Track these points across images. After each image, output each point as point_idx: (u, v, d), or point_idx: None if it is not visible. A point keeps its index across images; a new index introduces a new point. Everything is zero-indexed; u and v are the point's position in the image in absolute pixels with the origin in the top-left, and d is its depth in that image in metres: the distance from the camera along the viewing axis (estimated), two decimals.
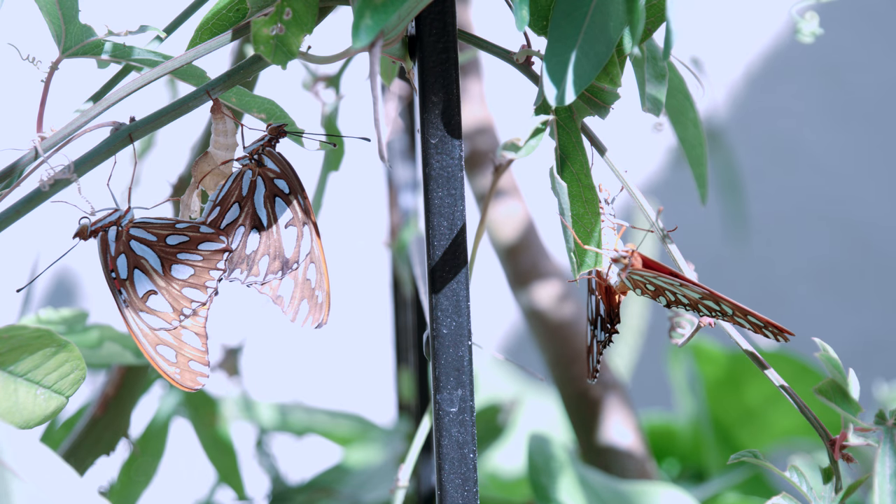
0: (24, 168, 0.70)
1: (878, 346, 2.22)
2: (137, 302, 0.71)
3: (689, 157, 0.86)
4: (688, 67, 0.83)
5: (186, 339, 0.72)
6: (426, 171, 0.70)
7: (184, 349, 0.72)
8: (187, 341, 0.72)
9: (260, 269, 0.73)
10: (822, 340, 0.70)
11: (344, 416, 1.39)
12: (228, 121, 0.73)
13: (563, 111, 0.70)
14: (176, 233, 0.72)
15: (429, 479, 1.18)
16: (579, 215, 0.71)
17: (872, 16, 2.24)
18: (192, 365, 0.72)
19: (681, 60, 0.83)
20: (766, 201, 2.22)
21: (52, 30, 0.71)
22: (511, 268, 1.28)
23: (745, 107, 2.25)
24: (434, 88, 0.69)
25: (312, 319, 0.74)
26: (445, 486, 0.71)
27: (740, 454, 0.71)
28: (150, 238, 0.72)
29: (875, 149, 2.26)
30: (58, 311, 0.90)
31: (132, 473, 1.15)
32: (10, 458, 0.61)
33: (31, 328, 0.69)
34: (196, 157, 0.78)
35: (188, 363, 0.72)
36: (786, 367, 1.41)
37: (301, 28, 0.68)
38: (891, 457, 0.68)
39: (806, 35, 0.70)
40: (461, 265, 0.70)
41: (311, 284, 0.73)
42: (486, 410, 1.33)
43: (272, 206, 0.73)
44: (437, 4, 0.69)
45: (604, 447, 1.21)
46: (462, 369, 0.70)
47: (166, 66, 0.70)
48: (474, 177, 1.30)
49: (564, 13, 0.66)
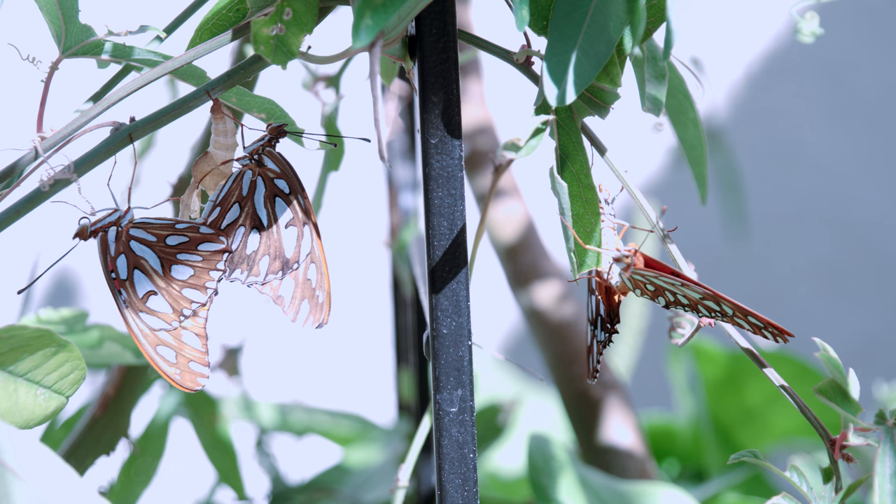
0: (24, 168, 0.70)
1: (878, 346, 2.22)
2: (137, 302, 0.71)
3: (689, 157, 0.86)
4: (688, 67, 0.83)
5: (186, 340, 0.72)
6: (426, 171, 0.70)
7: (184, 350, 0.72)
8: (187, 342, 0.72)
9: (260, 269, 0.73)
10: (822, 340, 0.70)
11: (344, 416, 1.39)
12: (228, 121, 0.73)
13: (563, 111, 0.70)
14: (176, 233, 0.72)
15: (429, 479, 1.18)
16: (579, 215, 0.71)
17: (872, 16, 2.24)
18: (192, 366, 0.72)
19: (681, 60, 0.83)
20: (766, 201, 2.22)
21: (52, 30, 0.71)
22: (511, 268, 1.28)
23: (746, 107, 2.25)
24: (434, 88, 0.69)
25: (313, 319, 0.74)
26: (445, 486, 0.71)
27: (740, 454, 0.71)
28: (149, 238, 0.72)
29: (875, 149, 2.26)
30: (58, 311, 0.90)
31: (132, 473, 1.15)
32: (11, 458, 0.61)
33: (31, 328, 0.69)
34: (196, 157, 0.78)
35: (188, 364, 0.72)
36: (786, 367, 1.41)
37: (301, 28, 0.68)
38: (891, 457, 0.68)
39: (806, 35, 0.70)
40: (461, 265, 0.70)
41: (312, 284, 0.73)
42: (486, 410, 1.33)
43: (272, 206, 0.73)
44: (437, 4, 0.69)
45: (604, 447, 1.21)
46: (462, 369, 0.70)
47: (166, 66, 0.70)
48: (474, 177, 1.30)
49: (564, 13, 0.66)
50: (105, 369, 1.11)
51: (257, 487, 1.33)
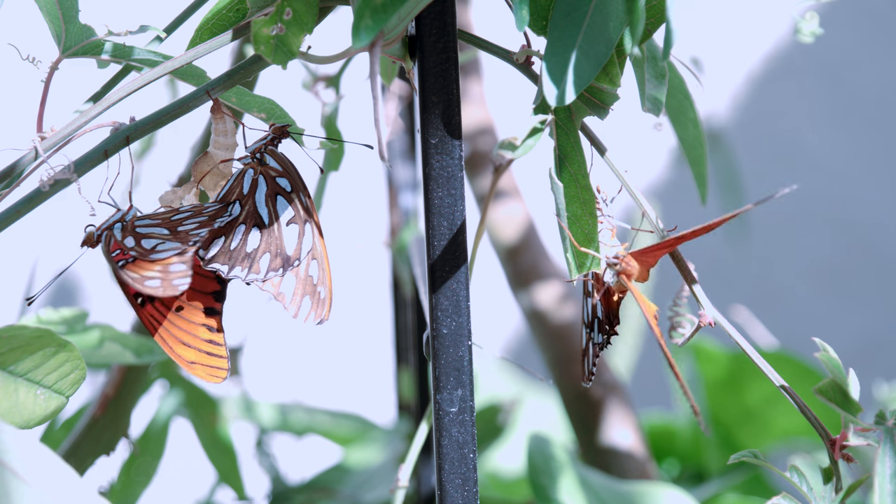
0: (24, 168, 0.70)
1: (878, 346, 2.22)
2: (146, 253, 0.71)
3: (689, 157, 0.86)
4: (688, 67, 0.83)
5: (203, 335, 0.73)
6: (426, 171, 0.70)
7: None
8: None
9: (261, 266, 0.73)
10: (823, 340, 0.70)
11: (344, 416, 1.39)
12: (228, 121, 0.73)
13: (562, 111, 0.70)
14: (179, 212, 0.72)
15: (429, 479, 1.18)
16: (577, 216, 0.71)
17: (872, 16, 2.25)
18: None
19: (681, 60, 0.83)
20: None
21: (52, 30, 0.71)
22: (511, 268, 1.28)
23: (746, 107, 2.25)
24: (434, 88, 0.69)
25: (315, 315, 0.74)
26: (445, 486, 0.71)
27: (740, 454, 0.71)
28: (155, 221, 0.72)
29: (875, 149, 2.26)
30: (58, 311, 0.90)
31: (132, 473, 1.15)
32: (11, 458, 0.61)
33: (31, 328, 0.69)
34: (196, 157, 0.78)
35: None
36: (786, 367, 1.41)
37: (301, 28, 0.68)
38: (891, 457, 0.68)
39: (806, 35, 0.70)
40: (461, 265, 0.70)
41: (314, 281, 0.73)
42: (486, 410, 1.33)
43: (273, 205, 0.73)
44: (437, 4, 0.69)
45: (604, 447, 1.21)
46: (462, 369, 0.70)
47: (166, 66, 0.70)
48: (475, 177, 1.30)
49: (564, 13, 0.66)
50: (105, 369, 1.11)
51: (257, 487, 1.33)
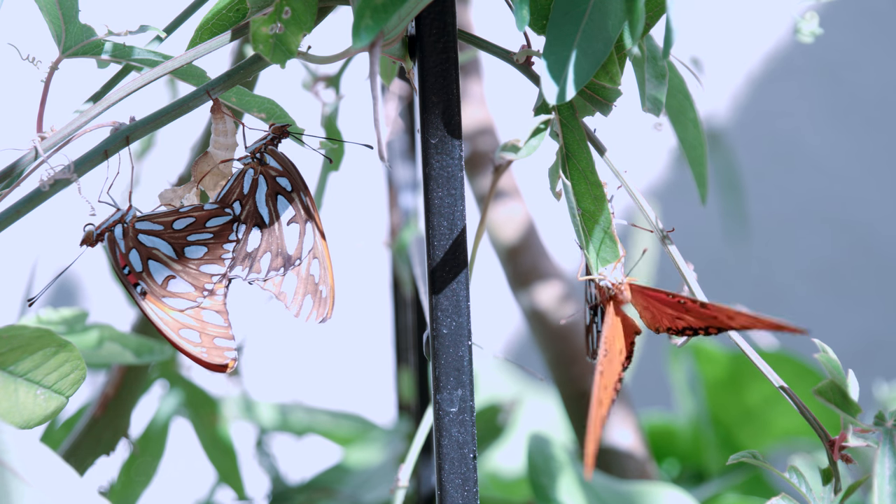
0: (24, 168, 0.70)
1: (878, 346, 2.22)
2: (158, 289, 0.72)
3: (689, 157, 0.86)
4: (688, 67, 0.83)
5: (208, 319, 0.73)
6: (426, 171, 0.70)
7: (207, 329, 0.72)
8: (209, 320, 0.73)
9: (262, 266, 0.73)
10: (822, 341, 0.70)
11: (344, 416, 1.39)
12: (228, 121, 0.73)
13: (566, 108, 0.70)
14: (181, 216, 0.72)
15: (429, 479, 1.18)
16: (590, 212, 0.71)
17: (872, 16, 2.24)
18: (217, 342, 0.73)
19: (681, 60, 0.83)
20: (766, 202, 2.22)
21: (52, 30, 0.71)
22: (511, 268, 1.28)
23: (746, 107, 2.25)
24: (434, 88, 0.69)
25: (317, 314, 0.74)
26: (445, 486, 0.71)
27: (740, 454, 0.71)
28: (157, 228, 0.72)
29: (876, 149, 2.26)
30: (58, 311, 0.90)
31: (132, 473, 1.15)
32: (11, 458, 0.61)
33: (31, 328, 0.69)
34: (196, 157, 0.78)
35: (213, 340, 0.73)
36: (786, 367, 1.41)
37: (300, 27, 0.68)
38: (890, 458, 0.68)
39: (806, 35, 0.70)
40: (461, 265, 0.70)
41: (315, 280, 0.73)
42: (486, 410, 1.33)
43: (274, 204, 0.73)
44: (437, 4, 0.69)
45: (604, 447, 1.21)
46: (462, 369, 0.70)
47: (166, 66, 0.70)
48: (475, 178, 1.30)
49: (563, 11, 0.66)
50: (105, 369, 1.11)
51: (257, 487, 1.33)
